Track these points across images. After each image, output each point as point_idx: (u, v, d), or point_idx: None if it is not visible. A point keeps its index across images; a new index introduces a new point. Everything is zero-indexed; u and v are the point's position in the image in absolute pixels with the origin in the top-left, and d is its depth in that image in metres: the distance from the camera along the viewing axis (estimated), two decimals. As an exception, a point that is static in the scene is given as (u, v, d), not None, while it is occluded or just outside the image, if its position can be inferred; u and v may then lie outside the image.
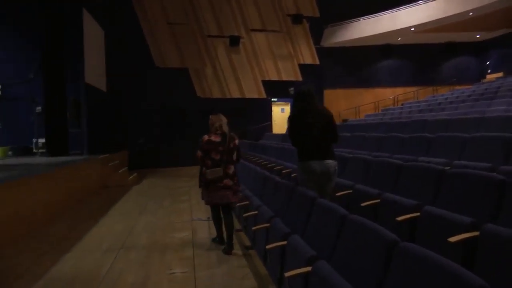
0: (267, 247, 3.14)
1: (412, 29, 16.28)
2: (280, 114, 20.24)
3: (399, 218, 2.86)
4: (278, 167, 6.72)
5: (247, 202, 4.75)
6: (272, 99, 18.31)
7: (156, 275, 4.00)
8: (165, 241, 5.22)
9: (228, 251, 4.57)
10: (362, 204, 3.40)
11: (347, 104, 19.06)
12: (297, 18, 17.38)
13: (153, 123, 15.91)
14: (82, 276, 4.09)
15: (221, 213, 4.81)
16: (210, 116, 4.92)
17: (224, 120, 4.81)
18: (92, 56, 12.41)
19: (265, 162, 8.04)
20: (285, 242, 2.89)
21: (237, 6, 16.72)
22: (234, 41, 16.62)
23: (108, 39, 14.29)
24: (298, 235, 2.89)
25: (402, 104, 17.62)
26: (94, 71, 12.61)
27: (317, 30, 18.06)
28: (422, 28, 16.08)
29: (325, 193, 3.71)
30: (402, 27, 16.27)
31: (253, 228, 3.88)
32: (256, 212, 4.11)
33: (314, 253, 2.49)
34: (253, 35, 17.10)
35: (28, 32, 12.90)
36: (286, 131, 4.47)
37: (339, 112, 18.77)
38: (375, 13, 17.02)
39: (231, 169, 4.66)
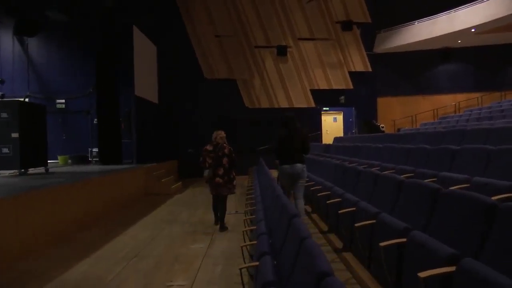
0: (356, 225, 3.27)
1: (473, 30, 15.11)
2: (333, 124, 19.81)
3: (383, 244, 2.59)
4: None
5: (329, 192, 5.11)
6: (324, 108, 17.97)
7: (154, 286, 4.02)
8: (179, 252, 5.26)
9: (222, 230, 6.37)
10: (356, 225, 3.14)
11: (403, 112, 18.12)
12: (347, 25, 16.95)
13: (202, 133, 16.25)
14: (88, 282, 4.23)
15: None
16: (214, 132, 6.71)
17: (220, 134, 6.65)
18: (143, 70, 13.06)
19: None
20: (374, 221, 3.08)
21: (284, 16, 16.71)
22: (282, 50, 16.60)
23: (160, 53, 14.96)
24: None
25: (463, 112, 16.41)
26: (145, 84, 13.24)
27: (368, 36, 17.46)
28: (484, 28, 14.86)
29: (297, 188, 5.60)
30: (462, 28, 15.16)
31: (339, 211, 4.07)
32: (339, 199, 4.43)
33: (407, 225, 2.66)
34: (301, 44, 16.95)
35: (87, 51, 13.89)
36: (273, 146, 5.99)
37: (393, 120, 17.95)
38: (431, 15, 16.06)
39: (221, 171, 6.43)
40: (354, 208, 3.65)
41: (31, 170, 9.20)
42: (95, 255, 5.21)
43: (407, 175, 4.38)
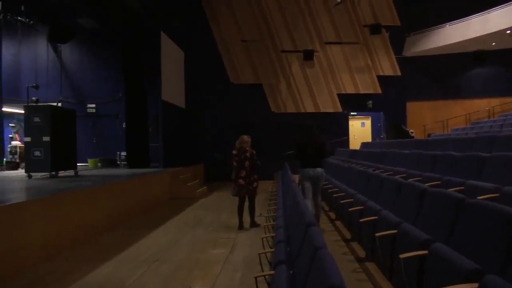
0: (377, 234, 3.24)
1: (508, 31, 14.53)
2: (361, 129, 19.44)
3: (403, 256, 2.47)
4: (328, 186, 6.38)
5: (352, 199, 5.10)
6: (352, 113, 17.69)
7: (173, 291, 4.03)
8: (200, 257, 5.26)
9: (252, 226, 6.93)
10: (377, 234, 3.03)
11: (433, 117, 17.62)
12: (375, 28, 16.65)
13: (228, 137, 16.32)
14: (110, 284, 4.28)
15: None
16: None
17: (243, 139, 7.19)
18: (170, 75, 13.27)
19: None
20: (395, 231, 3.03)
21: (311, 20, 16.61)
22: (308, 55, 16.49)
23: (187, 58, 15.18)
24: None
25: (498, 117, 15.77)
26: (172, 89, 13.45)
27: (397, 40, 17.11)
28: (520, 30, 14.27)
29: (317, 189, 6.25)
30: (496, 30, 14.60)
31: (360, 220, 4.04)
32: (362, 207, 4.42)
33: (429, 237, 2.59)
34: (328, 48, 16.79)
35: (116, 57, 14.23)
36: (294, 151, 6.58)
37: (423, 125, 17.47)
38: (463, 18, 15.56)
39: (243, 173, 6.93)
40: (376, 217, 3.53)
41: (61, 173, 9.50)
42: (118, 258, 5.28)
43: (432, 183, 4.20)
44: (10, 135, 14.75)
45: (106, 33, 14.43)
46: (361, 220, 3.63)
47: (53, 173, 9.00)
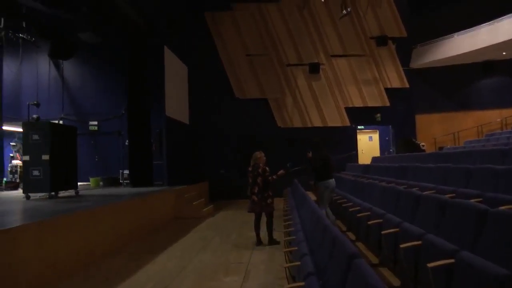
0: (430, 265, 2.88)
1: (519, 41, 14.16)
2: (368, 143, 19.03)
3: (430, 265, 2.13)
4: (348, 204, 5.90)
5: (369, 213, 5.07)
6: (359, 127, 17.25)
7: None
8: (210, 286, 4.76)
9: (271, 243, 6.86)
10: (430, 265, 2.58)
11: (443, 129, 17.15)
12: (381, 40, 16.34)
13: (234, 153, 15.93)
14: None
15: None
16: None
17: (255, 156, 7.14)
18: (174, 91, 12.92)
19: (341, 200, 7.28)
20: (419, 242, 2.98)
21: (316, 33, 16.34)
22: (314, 68, 16.15)
23: (191, 73, 14.87)
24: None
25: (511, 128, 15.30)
26: (176, 104, 13.09)
27: (404, 51, 16.76)
28: (532, 38, 13.89)
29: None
30: (506, 39, 14.23)
31: (382, 232, 4.01)
32: (381, 220, 4.37)
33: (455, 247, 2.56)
34: (334, 61, 16.46)
35: (119, 73, 13.93)
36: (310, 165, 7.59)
37: (434, 138, 16.99)
38: (471, 27, 15.25)
39: (255, 189, 6.86)
40: (419, 242, 3.05)
41: (61, 193, 9.05)
42: (120, 288, 4.79)
43: (476, 199, 3.72)
44: (11, 154, 14.39)
45: (108, 48, 14.16)
46: (401, 246, 3.16)
47: (53, 193, 8.55)
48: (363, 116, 16.55)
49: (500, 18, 14.41)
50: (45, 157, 8.18)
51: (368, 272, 2.11)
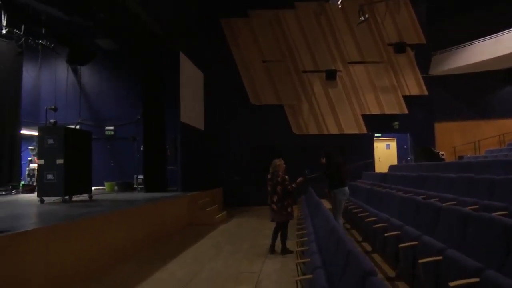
0: (420, 261, 3.05)
1: (543, 47, 13.72)
2: (386, 151, 18.67)
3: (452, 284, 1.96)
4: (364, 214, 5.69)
5: (386, 224, 4.92)
6: (376, 135, 16.93)
7: None
8: (220, 296, 4.62)
9: (282, 252, 6.72)
10: (453, 284, 2.39)
11: (464, 138, 16.70)
12: (400, 47, 16.05)
13: (249, 160, 15.82)
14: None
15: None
16: None
17: (274, 163, 6.95)
18: (190, 97, 12.92)
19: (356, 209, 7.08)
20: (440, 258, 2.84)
21: (333, 39, 16.17)
22: (331, 75, 15.96)
23: (206, 79, 14.86)
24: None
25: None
26: (191, 110, 13.08)
27: (423, 58, 16.42)
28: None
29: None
30: (530, 46, 13.82)
31: (400, 245, 3.85)
32: (399, 232, 4.20)
33: (480, 265, 2.42)
34: (351, 68, 16.24)
35: (135, 78, 14.01)
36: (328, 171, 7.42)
37: (453, 147, 16.55)
38: (492, 34, 14.85)
39: (275, 198, 6.73)
40: (439, 257, 2.86)
41: (75, 197, 9.07)
42: (128, 296, 4.69)
43: (500, 213, 3.50)
44: (29, 158, 14.58)
45: (125, 54, 14.27)
46: (421, 261, 2.97)
47: (67, 197, 8.57)
48: (381, 124, 16.25)
49: (523, 25, 14.02)
50: (60, 161, 8.22)
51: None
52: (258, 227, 10.12)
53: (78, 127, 14.83)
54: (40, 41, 12.59)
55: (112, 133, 15.32)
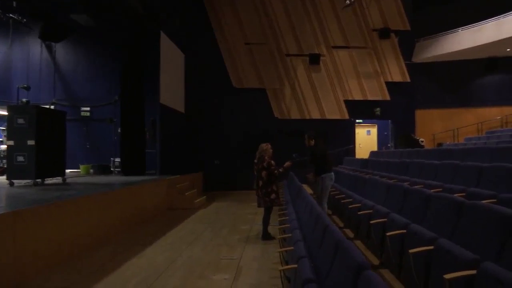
0: (411, 251, 2.91)
1: (525, 37, 13.81)
2: (366, 137, 18.75)
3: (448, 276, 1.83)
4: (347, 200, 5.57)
5: (370, 210, 4.78)
6: (357, 121, 16.91)
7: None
8: (198, 285, 4.43)
9: (263, 238, 6.56)
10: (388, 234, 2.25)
11: (443, 125, 16.87)
12: (384, 33, 15.95)
13: (229, 144, 15.60)
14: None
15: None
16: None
17: (261, 148, 6.69)
18: (170, 78, 12.51)
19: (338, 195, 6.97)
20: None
21: (317, 23, 15.91)
22: (314, 59, 15.76)
23: (187, 61, 14.44)
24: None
25: (512, 126, 15.03)
26: (171, 92, 12.69)
27: (407, 45, 16.39)
28: (537, 35, 13.53)
29: None
30: (511, 35, 13.89)
31: (388, 234, 3.72)
32: (385, 219, 4.12)
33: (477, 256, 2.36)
34: (335, 53, 16.06)
35: (114, 57, 13.47)
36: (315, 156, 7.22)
37: (433, 134, 16.71)
38: (476, 22, 14.89)
39: (260, 183, 6.53)
40: (431, 247, 2.73)
41: (48, 180, 8.68)
42: (102, 285, 4.45)
43: (489, 200, 3.40)
44: (0, 139, 13.95)
45: (103, 32, 13.65)
46: (411, 251, 2.83)
47: (38, 180, 8.18)
48: (362, 110, 16.22)
49: (506, 14, 14.05)
50: (31, 142, 7.80)
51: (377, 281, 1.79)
52: (237, 212, 9.98)
53: (52, 107, 14.23)
54: (11, 15, 11.90)
55: (88, 114, 14.76)
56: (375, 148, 17.50)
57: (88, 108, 14.67)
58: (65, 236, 5.47)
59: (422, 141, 15.79)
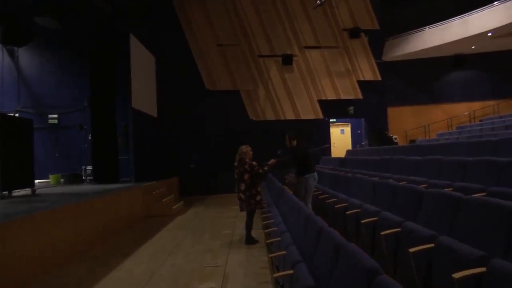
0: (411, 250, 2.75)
1: (489, 34, 14.29)
2: (340, 136, 18.90)
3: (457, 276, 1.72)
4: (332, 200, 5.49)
5: (359, 209, 4.69)
6: (331, 120, 17.01)
7: None
8: (185, 295, 4.23)
9: (246, 243, 6.38)
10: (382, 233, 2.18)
11: (415, 122, 17.25)
12: (354, 32, 16.14)
13: (204, 147, 15.34)
14: None
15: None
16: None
17: (241, 150, 6.53)
18: (141, 82, 12.15)
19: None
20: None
21: (289, 24, 15.92)
22: (287, 60, 15.74)
23: (159, 64, 14.10)
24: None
25: (480, 121, 15.51)
26: (143, 96, 12.33)
27: (377, 44, 16.65)
28: (502, 32, 14.03)
29: None
30: (477, 32, 14.34)
31: (383, 233, 3.60)
32: (375, 218, 4.05)
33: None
34: (307, 53, 16.11)
35: (81, 62, 12.95)
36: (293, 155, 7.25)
37: (405, 131, 17.05)
38: (443, 21, 15.29)
39: (242, 186, 6.35)
40: (431, 245, 2.65)
41: (16, 192, 8.18)
42: (81, 301, 4.18)
43: (479, 194, 3.38)
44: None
45: (70, 35, 13.09)
46: (411, 250, 2.74)
47: (5, 193, 7.69)
48: (336, 109, 16.34)
49: (471, 12, 14.50)
50: (-5, 152, 7.31)
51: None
52: (217, 216, 9.78)
53: (17, 115, 13.54)
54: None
55: (56, 121, 14.14)
56: (349, 147, 17.66)
57: (55, 116, 14.06)
58: (37, 251, 5.13)
59: (396, 138, 16.08)
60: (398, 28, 16.61)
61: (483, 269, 2.04)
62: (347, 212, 4.80)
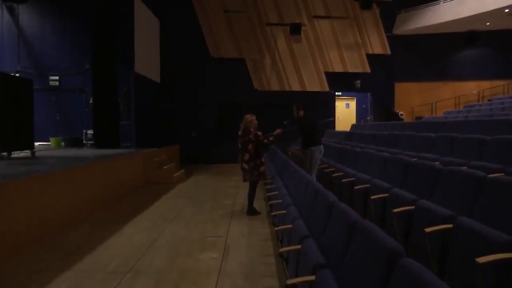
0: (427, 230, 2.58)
1: (506, 10, 13.73)
2: (345, 110, 18.61)
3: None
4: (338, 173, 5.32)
5: (367, 185, 4.58)
6: (336, 93, 16.68)
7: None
8: (185, 265, 4.13)
9: (248, 213, 6.27)
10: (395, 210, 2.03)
11: (422, 99, 16.88)
12: (366, 3, 15.53)
13: (207, 116, 15.12)
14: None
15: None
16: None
17: (246, 119, 6.33)
18: (144, 46, 11.81)
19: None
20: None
21: (298, -10, 15.33)
22: (295, 29, 15.24)
23: (163, 27, 13.68)
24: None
25: (489, 100, 15.18)
26: (146, 61, 12.02)
27: (388, 16, 16.07)
28: (519, 8, 13.46)
29: None
30: (494, 8, 13.78)
31: (395, 210, 3.38)
32: (386, 194, 3.91)
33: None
34: (316, 23, 15.60)
35: (84, 24, 12.55)
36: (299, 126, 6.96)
37: (411, 108, 16.74)
38: (459, -6, 14.69)
39: (246, 156, 6.18)
40: (450, 225, 2.50)
41: (14, 154, 8.05)
42: (79, 266, 4.09)
43: (496, 174, 3.21)
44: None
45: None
46: (427, 230, 2.59)
47: (4, 154, 7.56)
48: (342, 82, 15.99)
49: (489, -14, 13.88)
50: (-7, 112, 7.13)
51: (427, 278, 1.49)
52: (218, 186, 9.69)
53: (17, 75, 13.26)
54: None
55: (57, 83, 13.88)
56: (353, 121, 17.41)
57: (56, 77, 13.79)
58: (35, 215, 5.02)
59: (402, 115, 15.80)
60: (411, 0, 16.00)
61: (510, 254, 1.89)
62: (355, 187, 4.64)
